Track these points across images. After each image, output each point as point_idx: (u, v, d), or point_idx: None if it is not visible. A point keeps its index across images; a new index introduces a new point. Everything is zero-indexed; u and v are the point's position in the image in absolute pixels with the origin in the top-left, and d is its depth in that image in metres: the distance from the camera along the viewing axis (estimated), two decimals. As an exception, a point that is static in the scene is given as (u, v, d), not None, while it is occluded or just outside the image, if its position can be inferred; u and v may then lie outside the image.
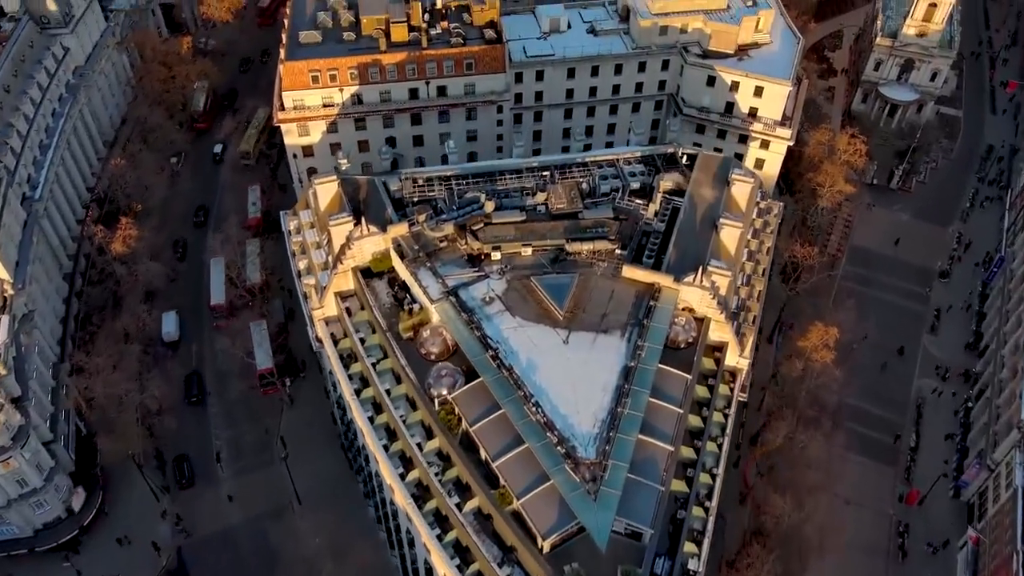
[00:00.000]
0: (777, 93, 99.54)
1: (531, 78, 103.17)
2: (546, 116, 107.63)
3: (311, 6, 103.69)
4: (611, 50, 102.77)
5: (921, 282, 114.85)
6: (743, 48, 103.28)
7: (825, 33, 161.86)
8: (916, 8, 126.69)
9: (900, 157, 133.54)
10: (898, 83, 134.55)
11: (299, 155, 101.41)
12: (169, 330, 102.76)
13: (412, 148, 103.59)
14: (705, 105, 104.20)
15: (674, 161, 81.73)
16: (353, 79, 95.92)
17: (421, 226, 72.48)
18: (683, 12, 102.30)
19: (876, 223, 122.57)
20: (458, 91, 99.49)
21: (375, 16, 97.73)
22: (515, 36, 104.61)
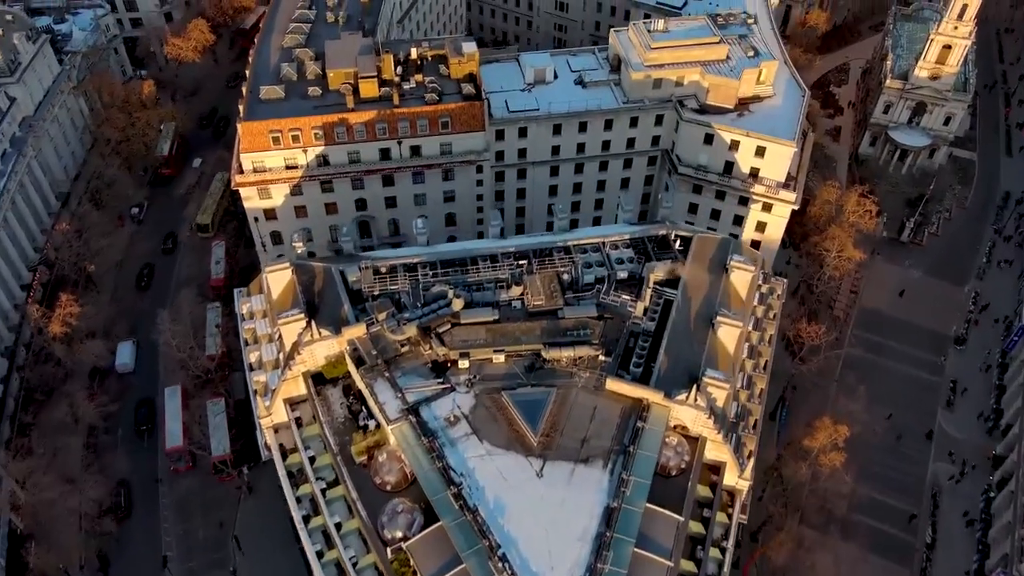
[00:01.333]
0: (781, 154, 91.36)
1: (513, 135, 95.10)
2: (530, 174, 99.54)
3: (275, 55, 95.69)
4: (600, 104, 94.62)
5: (935, 349, 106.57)
6: (744, 102, 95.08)
7: (830, 67, 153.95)
8: (929, 50, 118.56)
9: (911, 206, 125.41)
10: (909, 127, 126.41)
11: (261, 218, 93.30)
12: (124, 361, 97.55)
13: (385, 210, 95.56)
14: (702, 164, 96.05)
15: (666, 244, 73.59)
16: (318, 139, 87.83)
17: (381, 327, 64.35)
18: (679, 64, 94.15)
19: (886, 281, 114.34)
20: (434, 151, 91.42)
21: (342, 70, 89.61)
22: (496, 88, 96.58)
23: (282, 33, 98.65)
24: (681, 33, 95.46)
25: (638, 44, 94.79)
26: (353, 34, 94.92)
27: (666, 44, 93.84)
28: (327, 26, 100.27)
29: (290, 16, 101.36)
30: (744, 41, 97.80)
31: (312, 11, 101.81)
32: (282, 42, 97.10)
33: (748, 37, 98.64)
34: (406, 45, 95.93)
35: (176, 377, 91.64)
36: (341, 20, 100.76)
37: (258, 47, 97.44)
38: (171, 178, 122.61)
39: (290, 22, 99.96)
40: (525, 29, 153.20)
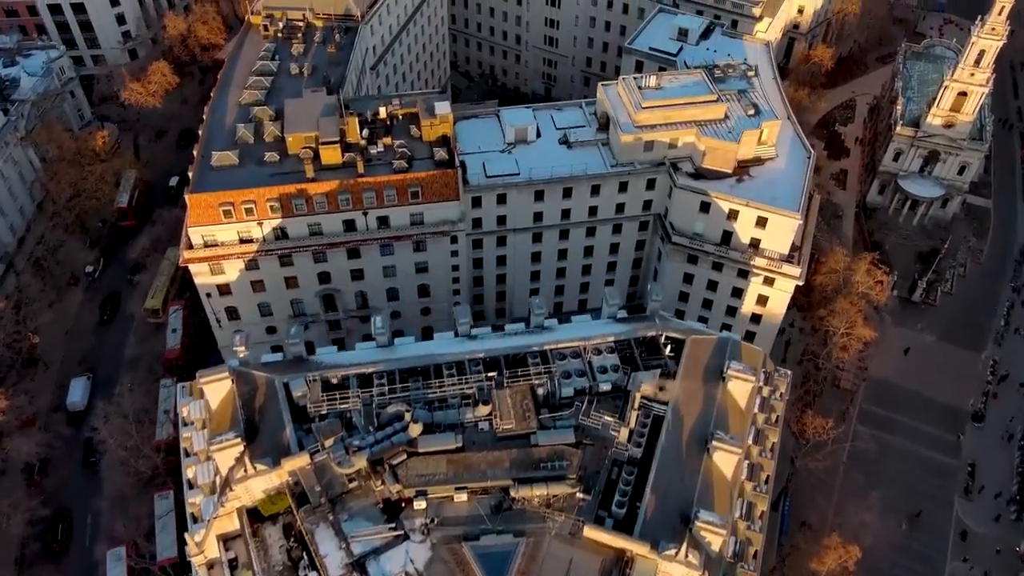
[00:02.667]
0: (784, 226, 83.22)
1: (492, 202, 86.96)
2: (511, 241, 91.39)
3: (232, 114, 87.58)
4: (586, 168, 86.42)
5: (951, 426, 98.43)
6: (744, 164, 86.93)
7: (836, 103, 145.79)
8: (943, 97, 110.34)
9: (923, 261, 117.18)
10: (920, 175, 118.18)
11: (214, 294, 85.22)
12: (75, 399, 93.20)
13: (351, 282, 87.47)
14: (698, 232, 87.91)
15: (655, 348, 65.42)
16: (274, 211, 79.74)
17: (327, 456, 56.20)
18: (673, 124, 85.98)
19: (896, 347, 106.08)
20: (403, 221, 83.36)
21: (302, 134, 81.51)
22: (474, 148, 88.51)
23: (240, 88, 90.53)
24: (675, 90, 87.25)
25: (628, 102, 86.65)
26: (317, 91, 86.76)
27: (658, 103, 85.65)
28: (291, 79, 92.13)
29: (250, 67, 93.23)
30: (744, 97, 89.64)
31: (275, 62, 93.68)
32: (240, 98, 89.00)
33: (748, 92, 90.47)
34: (374, 103, 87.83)
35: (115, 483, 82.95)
36: (306, 72, 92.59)
37: (213, 104, 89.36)
38: (132, 230, 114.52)
39: (250, 75, 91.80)
40: (513, 63, 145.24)
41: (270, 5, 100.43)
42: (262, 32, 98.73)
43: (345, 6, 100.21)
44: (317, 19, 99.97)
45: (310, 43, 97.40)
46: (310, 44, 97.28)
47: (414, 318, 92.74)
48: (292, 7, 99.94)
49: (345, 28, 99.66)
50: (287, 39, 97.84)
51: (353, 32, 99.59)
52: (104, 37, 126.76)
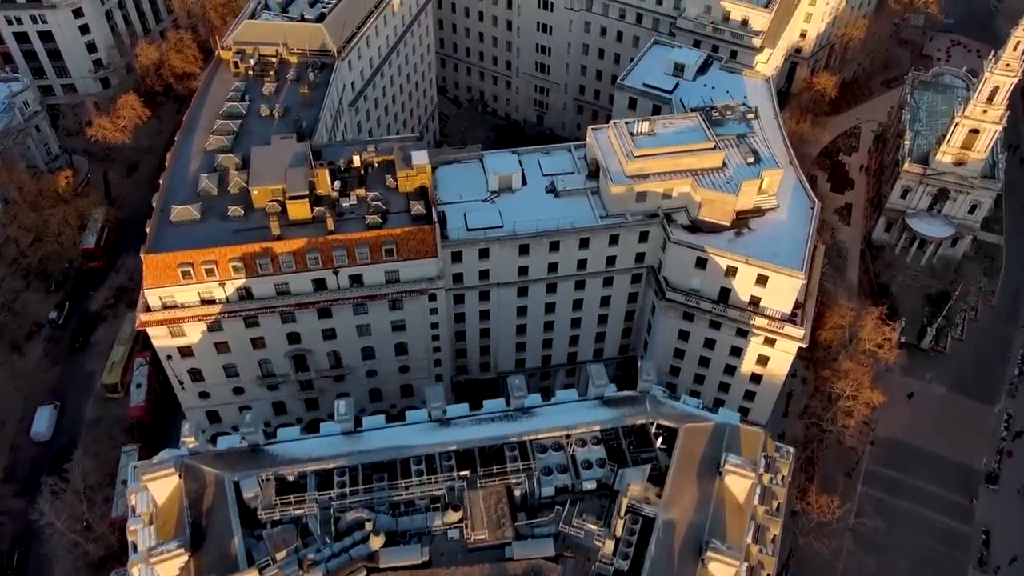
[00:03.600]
0: (786, 285, 77.53)
1: (473, 256, 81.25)
2: (495, 296, 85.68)
3: (196, 161, 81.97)
4: (575, 221, 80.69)
5: (964, 488, 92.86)
6: (742, 215, 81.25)
7: (839, 130, 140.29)
8: (954, 134, 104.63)
9: (931, 303, 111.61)
10: (929, 214, 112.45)
11: (175, 356, 79.59)
12: (40, 429, 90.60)
13: (323, 342, 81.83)
14: (694, 288, 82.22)
15: (645, 438, 59.72)
16: (237, 271, 74.07)
17: (277, 572, 50.47)
18: (667, 173, 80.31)
19: (905, 399, 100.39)
20: (378, 279, 77.73)
21: (269, 186, 75.85)
22: (454, 196, 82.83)
23: (206, 132, 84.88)
24: (669, 137, 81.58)
25: (619, 149, 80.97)
26: (286, 137, 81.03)
27: (652, 152, 79.97)
28: (261, 122, 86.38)
29: (219, 108, 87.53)
30: (743, 143, 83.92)
31: (244, 103, 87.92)
32: (205, 144, 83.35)
33: (748, 137, 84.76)
34: (348, 150, 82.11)
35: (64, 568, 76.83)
36: (277, 114, 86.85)
37: (176, 149, 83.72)
38: (101, 272, 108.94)
39: (217, 118, 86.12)
40: (504, 89, 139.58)
41: (241, 40, 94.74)
42: (232, 69, 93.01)
43: (321, 41, 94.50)
44: (291, 55, 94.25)
45: (283, 81, 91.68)
46: (283, 82, 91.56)
47: (392, 375, 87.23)
48: (265, 42, 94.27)
49: (321, 64, 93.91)
50: (259, 76, 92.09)
51: (329, 69, 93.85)
52: (74, 66, 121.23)
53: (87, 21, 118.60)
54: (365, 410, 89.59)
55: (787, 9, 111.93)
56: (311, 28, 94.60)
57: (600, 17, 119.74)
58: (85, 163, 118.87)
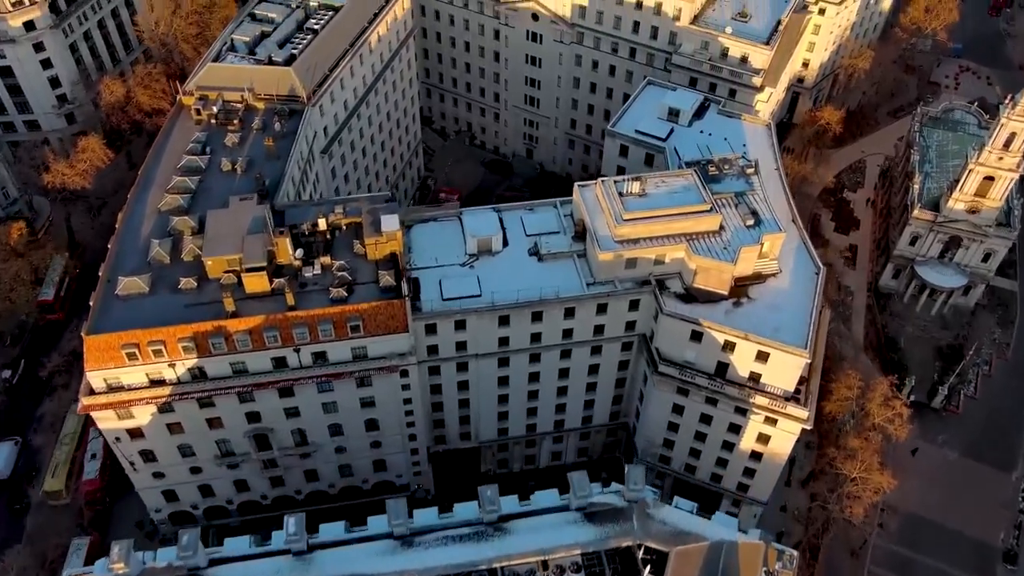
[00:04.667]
0: (788, 363, 71.18)
1: (449, 328, 74.88)
2: (473, 366, 79.30)
3: (148, 223, 75.73)
4: (559, 290, 74.32)
5: (980, 566, 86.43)
6: (742, 282, 74.88)
7: (844, 164, 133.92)
8: (967, 181, 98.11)
9: (942, 356, 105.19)
10: (940, 262, 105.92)
11: (124, 439, 73.22)
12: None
13: (286, 420, 75.50)
14: (689, 360, 75.85)
15: (632, 565, 53.31)
16: (188, 352, 67.74)
17: None
18: (659, 238, 73.94)
19: (915, 466, 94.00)
20: (343, 355, 71.47)
21: (224, 257, 69.49)
22: (430, 260, 76.58)
23: (162, 189, 78.56)
24: (662, 198, 75.17)
25: (607, 211, 74.55)
26: (246, 199, 74.60)
27: (642, 215, 73.61)
28: (221, 178, 79.99)
29: (176, 162, 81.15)
30: (742, 202, 77.59)
31: (204, 157, 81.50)
32: (160, 203, 77.00)
33: (747, 195, 78.38)
34: (313, 211, 75.68)
35: None
36: (240, 169, 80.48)
37: (128, 210, 77.44)
38: (60, 324, 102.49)
39: (174, 173, 79.76)
40: (492, 122, 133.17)
41: (205, 84, 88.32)
42: (194, 116, 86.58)
43: (289, 86, 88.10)
44: (258, 100, 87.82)
45: (248, 130, 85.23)
46: (248, 132, 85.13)
47: (363, 451, 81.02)
48: (230, 87, 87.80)
49: (289, 111, 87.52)
50: (222, 125, 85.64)
51: (299, 116, 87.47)
52: (36, 102, 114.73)
53: (49, 55, 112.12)
54: (334, 485, 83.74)
55: (788, 46, 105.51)
56: (279, 72, 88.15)
57: (591, 51, 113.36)
58: (46, 205, 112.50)
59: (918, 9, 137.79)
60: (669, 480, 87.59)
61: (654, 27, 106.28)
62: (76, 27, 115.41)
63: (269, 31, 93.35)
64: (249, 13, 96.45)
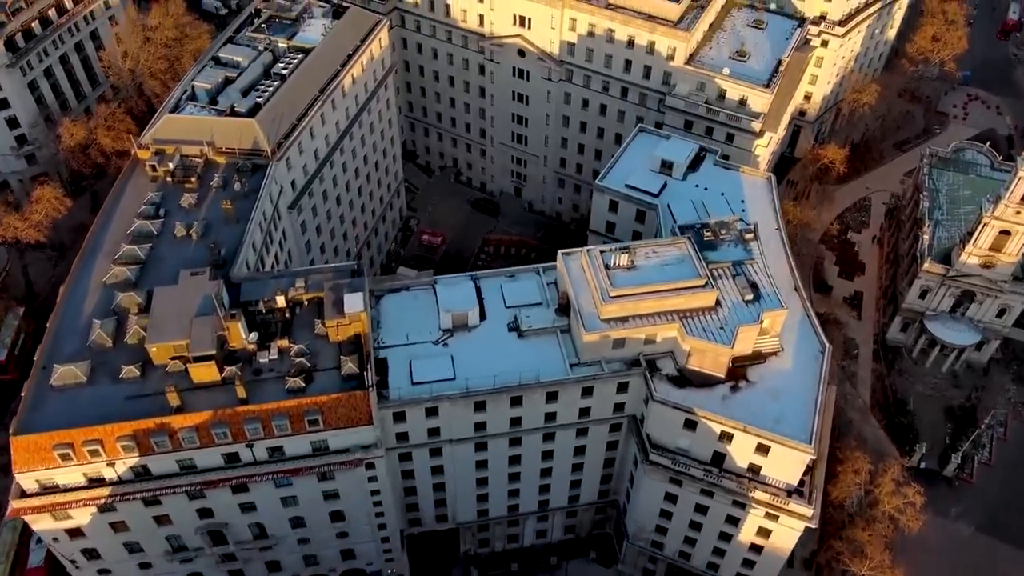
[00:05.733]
0: (791, 458, 64.83)
1: (419, 415, 68.49)
2: (448, 451, 72.93)
3: (92, 299, 69.28)
4: (539, 374, 67.97)
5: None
6: (740, 362, 68.59)
7: (848, 202, 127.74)
8: (981, 235, 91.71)
9: (954, 418, 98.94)
10: (951, 317, 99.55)
11: (63, 539, 66.77)
12: None
13: (242, 515, 69.08)
14: (682, 447, 69.53)
15: None
16: (128, 451, 61.37)
17: None
18: (649, 315, 67.57)
19: (926, 543, 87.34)
20: (302, 449, 65.13)
21: (170, 342, 63.16)
22: (399, 337, 70.45)
23: (109, 258, 72.14)
24: (652, 271, 68.81)
25: (593, 286, 68.14)
26: (198, 273, 68.06)
27: (631, 291, 67.27)
28: (175, 245, 73.55)
29: (127, 227, 74.70)
30: (740, 273, 71.12)
31: (157, 221, 75.06)
32: (106, 275, 70.58)
33: (745, 265, 71.91)
34: (271, 286, 69.23)
35: None
36: (195, 235, 74.08)
37: (71, 283, 71.01)
38: (15, 385, 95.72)
39: (124, 239, 73.34)
40: (479, 158, 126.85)
41: (162, 137, 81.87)
42: (149, 173, 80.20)
43: (253, 138, 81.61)
44: (219, 155, 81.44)
45: (206, 189, 78.90)
46: (206, 190, 78.77)
47: (328, 541, 74.89)
48: (188, 140, 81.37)
49: (252, 166, 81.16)
50: (179, 182, 79.23)
51: (262, 172, 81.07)
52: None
53: (6, 95, 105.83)
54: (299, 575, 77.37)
55: (789, 88, 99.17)
56: (242, 124, 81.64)
57: (581, 89, 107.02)
58: (3, 254, 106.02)
59: (925, 38, 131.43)
60: (662, 565, 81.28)
61: (647, 67, 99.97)
62: (36, 64, 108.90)
63: (233, 77, 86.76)
64: (213, 56, 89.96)
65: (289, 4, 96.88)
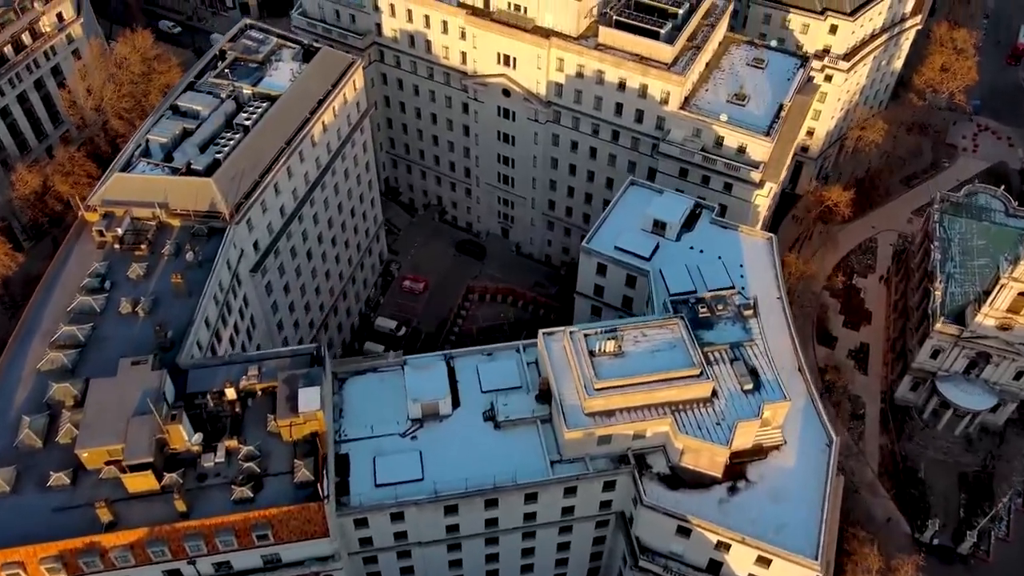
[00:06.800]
0: (794, 572, 58.26)
1: (384, 520, 62.01)
2: (418, 554, 66.37)
3: (24, 390, 62.80)
4: (516, 474, 61.53)
5: None
6: (739, 459, 62.15)
7: (853, 243, 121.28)
8: (999, 296, 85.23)
9: (968, 488, 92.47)
10: (966, 379, 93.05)
11: (-11, 659, 60.26)
12: None
13: (191, 625, 62.55)
14: (675, 552, 63.03)
15: None
16: (54, 572, 54.88)
17: None
18: (639, 409, 61.10)
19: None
20: (252, 563, 58.69)
21: (104, 447, 56.73)
22: (363, 429, 64.43)
23: (47, 339, 65.63)
24: (642, 359, 62.32)
25: (576, 375, 61.71)
26: (139, 362, 61.59)
27: (618, 383, 60.79)
28: (120, 323, 67.10)
29: (68, 302, 68.24)
30: (739, 356, 64.73)
31: (101, 296, 68.44)
32: (40, 362, 64.05)
33: (744, 347, 65.43)
34: (221, 374, 62.76)
35: None
36: (142, 312, 67.59)
37: (2, 369, 64.40)
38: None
39: (63, 318, 66.82)
40: (464, 197, 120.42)
41: (112, 198, 75.44)
42: (96, 238, 73.76)
43: (210, 199, 75.18)
44: (173, 218, 75.05)
45: (157, 257, 72.46)
46: (157, 259, 72.32)
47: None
48: (140, 201, 74.89)
49: (209, 230, 74.72)
50: (129, 250, 72.79)
51: (220, 236, 74.61)
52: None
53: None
54: None
55: (791, 134, 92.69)
56: (197, 184, 75.12)
57: (570, 131, 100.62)
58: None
59: (933, 69, 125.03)
60: (655, 664, 74.66)
61: (639, 110, 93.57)
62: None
63: (192, 128, 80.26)
64: (171, 105, 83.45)
65: (256, 45, 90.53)
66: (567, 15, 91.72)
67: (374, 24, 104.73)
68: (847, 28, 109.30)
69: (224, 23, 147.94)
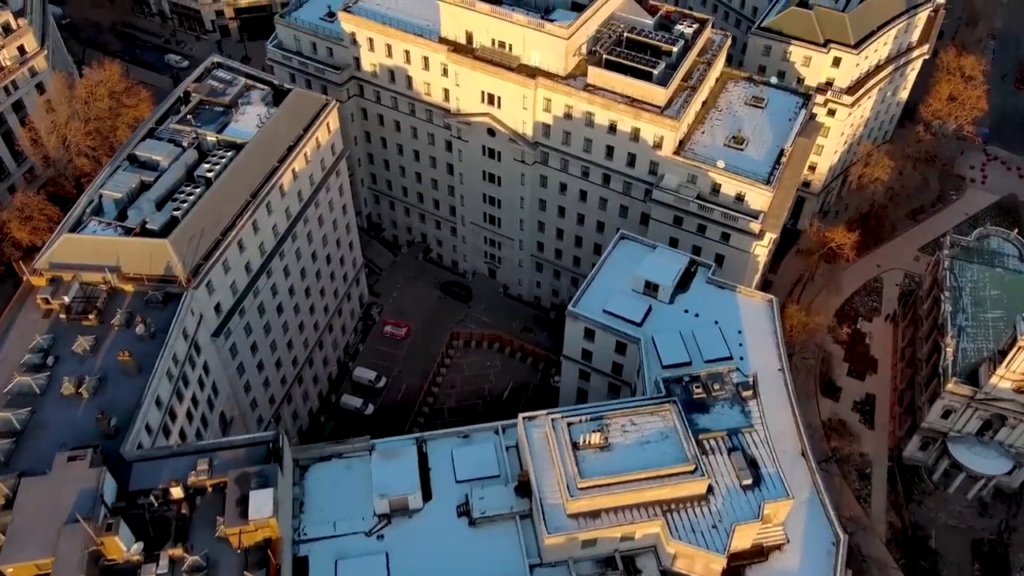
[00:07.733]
0: None
1: (347, 628, 56.32)
2: (387, 658, 60.66)
3: (-48, 486, 56.87)
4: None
5: None
6: (737, 561, 56.54)
7: (858, 283, 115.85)
8: (1016, 359, 79.59)
9: (982, 558, 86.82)
10: (979, 440, 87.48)
11: None
12: None
13: None
14: (668, 663, 57.32)
15: None
16: None
17: None
18: (627, 508, 55.40)
19: None
20: None
21: (32, 561, 51.01)
22: (325, 527, 58.69)
23: (-20, 425, 60.09)
24: (631, 452, 56.66)
25: (558, 470, 56.10)
26: (77, 456, 55.85)
27: (603, 482, 55.12)
28: (61, 406, 61.46)
29: (5, 382, 62.55)
30: (737, 447, 59.14)
31: (42, 375, 62.85)
32: (-29, 453, 58.54)
33: (743, 435, 59.84)
34: (167, 470, 57.04)
35: None
36: (86, 393, 61.97)
37: (-72, 464, 58.80)
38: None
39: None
40: (449, 235, 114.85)
41: (60, 260, 69.85)
42: (41, 306, 68.11)
43: (165, 262, 69.63)
44: (125, 282, 69.46)
45: (107, 328, 66.85)
46: (106, 330, 66.72)
47: None
48: (90, 264, 69.35)
49: (164, 296, 69.12)
50: (77, 319, 67.21)
51: (176, 302, 68.99)
52: None
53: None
54: None
55: (792, 181, 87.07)
56: (152, 245, 69.56)
57: (559, 173, 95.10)
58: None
59: (940, 99, 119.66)
60: None
61: (631, 154, 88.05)
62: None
63: (150, 182, 74.84)
64: (129, 155, 77.94)
65: (223, 87, 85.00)
66: (554, 54, 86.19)
67: (352, 58, 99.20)
68: (851, 61, 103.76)
69: (204, 47, 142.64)
